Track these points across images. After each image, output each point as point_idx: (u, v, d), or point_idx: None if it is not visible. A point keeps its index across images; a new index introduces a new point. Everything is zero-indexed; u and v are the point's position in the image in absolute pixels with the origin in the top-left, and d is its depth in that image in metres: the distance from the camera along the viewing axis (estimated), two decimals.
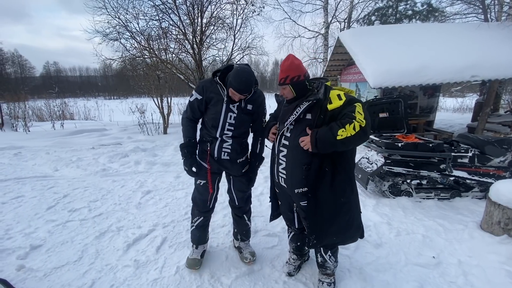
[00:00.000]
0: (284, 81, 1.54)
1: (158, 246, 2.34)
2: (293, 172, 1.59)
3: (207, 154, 1.91)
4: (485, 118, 6.43)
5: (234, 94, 1.70)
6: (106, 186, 3.78)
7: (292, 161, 1.59)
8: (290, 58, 1.54)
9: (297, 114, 1.51)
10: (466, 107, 15.11)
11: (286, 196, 1.78)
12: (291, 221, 1.89)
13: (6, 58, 33.58)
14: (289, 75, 1.52)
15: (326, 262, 1.77)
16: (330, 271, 1.82)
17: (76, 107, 15.17)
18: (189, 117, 1.89)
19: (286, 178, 1.65)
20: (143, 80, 8.94)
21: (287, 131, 1.62)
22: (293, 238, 2.00)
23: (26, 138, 7.02)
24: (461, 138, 3.51)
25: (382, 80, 5.14)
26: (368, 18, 13.39)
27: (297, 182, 1.58)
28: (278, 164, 1.68)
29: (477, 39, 5.96)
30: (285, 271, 2.00)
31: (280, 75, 1.56)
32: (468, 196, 3.26)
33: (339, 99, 1.45)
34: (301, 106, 1.50)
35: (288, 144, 1.60)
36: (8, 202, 3.20)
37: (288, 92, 1.58)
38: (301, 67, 1.55)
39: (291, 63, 1.52)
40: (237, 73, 1.66)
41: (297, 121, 1.55)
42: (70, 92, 45.48)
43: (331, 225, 1.58)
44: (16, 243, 2.36)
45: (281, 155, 1.65)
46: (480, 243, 2.33)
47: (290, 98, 1.61)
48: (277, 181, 1.75)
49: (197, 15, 7.88)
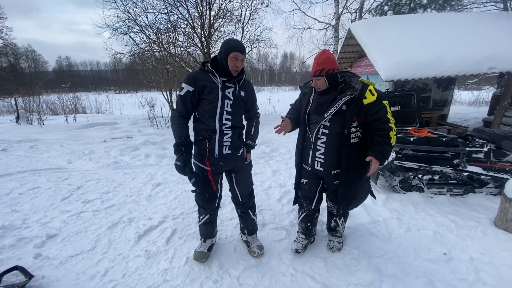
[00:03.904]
0: (320, 73, 1.70)
1: (168, 237, 2.39)
2: (331, 156, 1.81)
3: (206, 153, 1.82)
4: (502, 112, 6.18)
5: (237, 57, 1.69)
6: (117, 179, 3.87)
7: (330, 147, 1.80)
8: (326, 52, 1.71)
9: (338, 107, 1.68)
10: (482, 100, 14.58)
11: (315, 177, 1.98)
12: (310, 201, 2.06)
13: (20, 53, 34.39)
14: (325, 68, 1.68)
15: (338, 227, 2.16)
16: (339, 233, 2.21)
17: (87, 101, 15.48)
18: (181, 113, 1.77)
19: (323, 162, 1.85)
20: (153, 74, 9.01)
21: (326, 121, 1.78)
22: (303, 219, 2.18)
23: (41, 131, 7.23)
24: (476, 132, 3.39)
25: (394, 72, 5.01)
26: (380, 8, 12.96)
27: (333, 165, 1.82)
28: (316, 150, 1.86)
29: (495, 29, 5.69)
30: (293, 248, 2.17)
31: (315, 67, 1.71)
32: (482, 192, 3.17)
33: (372, 94, 1.65)
34: (342, 100, 1.67)
35: (328, 133, 1.78)
36: (25, 193, 3.33)
37: (322, 83, 1.74)
38: (335, 61, 1.71)
39: (327, 57, 1.68)
40: (227, 41, 1.74)
41: (335, 112, 1.72)
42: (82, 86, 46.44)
43: (356, 196, 1.96)
44: (33, 232, 2.46)
45: (319, 142, 1.83)
46: (493, 240, 2.27)
47: (323, 89, 1.77)
48: (311, 166, 1.93)
49: (205, 8, 7.84)
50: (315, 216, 2.18)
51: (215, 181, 1.93)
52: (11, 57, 27.40)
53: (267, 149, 5.28)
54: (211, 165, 1.86)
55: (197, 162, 1.89)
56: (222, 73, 1.75)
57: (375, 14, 13.15)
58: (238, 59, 1.70)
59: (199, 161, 1.88)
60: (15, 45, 26.28)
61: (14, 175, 3.94)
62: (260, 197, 3.20)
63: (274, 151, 5.26)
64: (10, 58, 27.14)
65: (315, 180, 1.99)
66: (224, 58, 1.70)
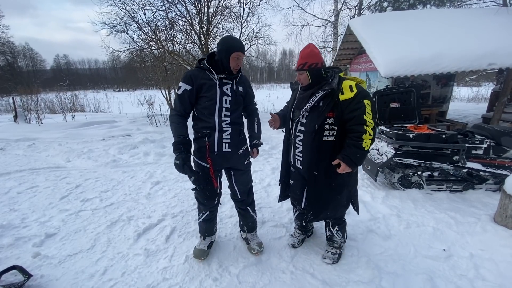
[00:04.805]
0: (302, 67, 1.65)
1: (167, 236, 2.39)
2: (308, 155, 1.73)
3: (207, 150, 1.80)
4: (502, 108, 6.17)
5: (239, 56, 1.70)
6: (116, 177, 3.85)
7: (306, 144, 1.72)
8: (311, 46, 1.66)
9: (312, 102, 1.63)
10: (481, 96, 14.57)
11: (300, 177, 1.88)
12: (298, 201, 1.96)
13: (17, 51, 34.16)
14: (308, 62, 1.63)
15: (334, 236, 2.00)
16: (337, 244, 2.03)
17: (86, 100, 15.41)
18: (179, 112, 1.77)
19: (302, 161, 1.78)
20: (151, 72, 8.96)
21: (303, 117, 1.72)
22: (298, 217, 2.18)
23: (39, 130, 7.20)
24: (476, 129, 3.39)
25: (393, 69, 4.98)
26: (380, 5, 12.88)
27: (313, 164, 1.73)
28: (295, 148, 1.81)
29: (495, 25, 5.66)
30: (289, 243, 2.20)
31: (298, 61, 1.67)
32: (482, 189, 3.17)
33: (350, 91, 1.55)
34: (316, 95, 1.62)
35: (304, 130, 1.72)
36: (24, 192, 3.31)
37: (304, 78, 1.68)
38: (319, 56, 1.65)
39: (311, 51, 1.64)
40: (228, 40, 1.72)
41: (312, 108, 1.67)
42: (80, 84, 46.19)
43: (327, 203, 1.80)
44: (32, 231, 2.45)
45: (297, 139, 1.78)
46: (493, 237, 2.27)
47: (305, 84, 1.72)
48: (293, 163, 1.89)
49: (203, 5, 7.77)
50: None
51: (215, 176, 1.92)
52: (9, 55, 27.26)
53: (266, 146, 5.27)
54: (212, 161, 1.85)
55: (197, 159, 1.88)
56: (219, 70, 1.74)
57: (374, 10, 13.08)
58: (240, 59, 1.72)
59: (199, 158, 1.87)
60: (12, 44, 26.13)
61: (13, 174, 3.93)
62: (259, 195, 3.19)
63: (274, 149, 5.25)
64: (8, 56, 27.00)
65: (300, 182, 1.90)
66: (225, 57, 1.69)
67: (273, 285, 1.83)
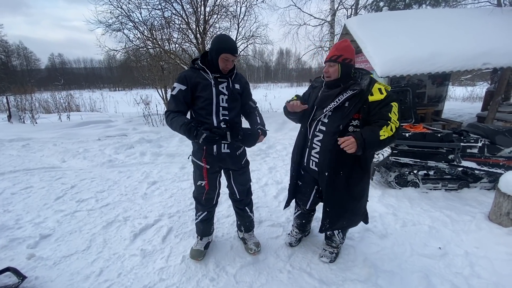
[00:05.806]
0: (336, 59, 1.58)
1: (164, 236, 2.37)
2: (326, 156, 1.66)
3: (203, 150, 1.80)
4: (496, 107, 6.24)
5: (228, 58, 1.65)
6: (112, 177, 3.82)
7: (325, 145, 1.65)
8: (348, 41, 1.62)
9: (338, 102, 1.57)
10: (476, 96, 14.70)
11: (311, 179, 1.85)
12: (304, 202, 1.97)
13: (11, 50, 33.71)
14: (343, 55, 1.57)
15: (334, 236, 1.99)
16: (335, 244, 2.02)
17: (81, 99, 15.23)
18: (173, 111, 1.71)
19: (318, 162, 1.71)
20: (147, 71, 8.90)
21: (325, 117, 1.66)
22: (299, 216, 2.17)
23: (33, 130, 7.12)
24: (470, 128, 3.42)
25: (390, 68, 5.01)
26: (376, 4, 12.93)
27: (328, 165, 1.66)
28: (311, 148, 1.74)
29: (489, 25, 5.72)
30: (287, 242, 2.20)
31: (333, 52, 1.60)
32: (477, 187, 3.20)
33: (380, 93, 1.52)
34: (344, 94, 1.56)
35: (325, 130, 1.65)
36: (18, 193, 3.27)
37: (334, 70, 1.61)
38: (354, 54, 1.62)
39: (348, 46, 1.59)
40: (219, 39, 1.69)
41: (336, 108, 1.60)
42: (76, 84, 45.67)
43: (345, 209, 1.73)
44: (26, 233, 2.42)
45: (315, 139, 1.71)
46: (488, 235, 2.29)
47: (333, 78, 1.63)
48: (306, 164, 1.81)
49: (200, 4, 7.74)
50: (311, 215, 2.21)
51: (212, 179, 1.92)
52: (2, 54, 26.95)
53: (263, 146, 5.26)
54: (207, 163, 1.84)
55: (194, 159, 1.90)
56: (213, 70, 1.72)
57: (370, 10, 13.13)
58: (228, 60, 1.67)
59: (197, 159, 1.88)
60: (6, 42, 25.82)
61: (6, 175, 3.88)
62: (256, 194, 3.19)
63: (271, 148, 5.24)
64: (1, 55, 26.67)
65: (311, 183, 1.88)
66: (215, 56, 1.67)
67: (270, 284, 1.83)
